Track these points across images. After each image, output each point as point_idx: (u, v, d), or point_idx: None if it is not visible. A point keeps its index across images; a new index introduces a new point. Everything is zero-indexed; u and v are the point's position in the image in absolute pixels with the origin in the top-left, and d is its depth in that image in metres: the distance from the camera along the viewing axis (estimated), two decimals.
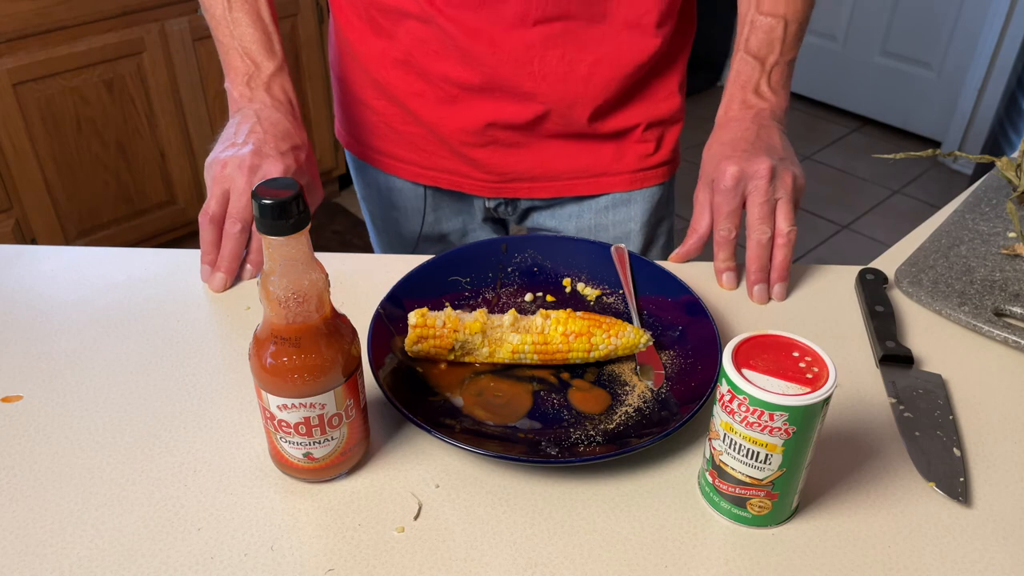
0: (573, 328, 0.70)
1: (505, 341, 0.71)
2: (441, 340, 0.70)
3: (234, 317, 0.80)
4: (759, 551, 0.59)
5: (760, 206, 0.81)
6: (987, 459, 0.66)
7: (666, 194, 1.04)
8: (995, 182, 0.99)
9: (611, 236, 1.03)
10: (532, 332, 0.71)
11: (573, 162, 0.98)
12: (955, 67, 3.09)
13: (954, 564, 0.58)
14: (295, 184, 0.52)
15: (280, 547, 0.58)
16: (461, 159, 0.98)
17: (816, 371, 0.55)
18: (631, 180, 0.99)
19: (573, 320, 0.71)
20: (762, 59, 0.87)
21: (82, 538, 0.59)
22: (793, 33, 0.87)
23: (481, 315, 0.71)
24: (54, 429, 0.67)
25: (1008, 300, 0.81)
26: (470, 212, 1.06)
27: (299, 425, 0.59)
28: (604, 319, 0.72)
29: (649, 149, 0.98)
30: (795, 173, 0.83)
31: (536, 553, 0.58)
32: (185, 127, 2.30)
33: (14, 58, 1.93)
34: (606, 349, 0.71)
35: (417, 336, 0.70)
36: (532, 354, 0.71)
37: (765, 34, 0.87)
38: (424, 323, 0.70)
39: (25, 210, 2.09)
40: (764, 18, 0.87)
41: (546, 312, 0.72)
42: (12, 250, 0.90)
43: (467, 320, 0.71)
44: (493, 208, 1.04)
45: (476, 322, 0.70)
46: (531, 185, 1.00)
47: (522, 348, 0.71)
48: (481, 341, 0.71)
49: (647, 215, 1.02)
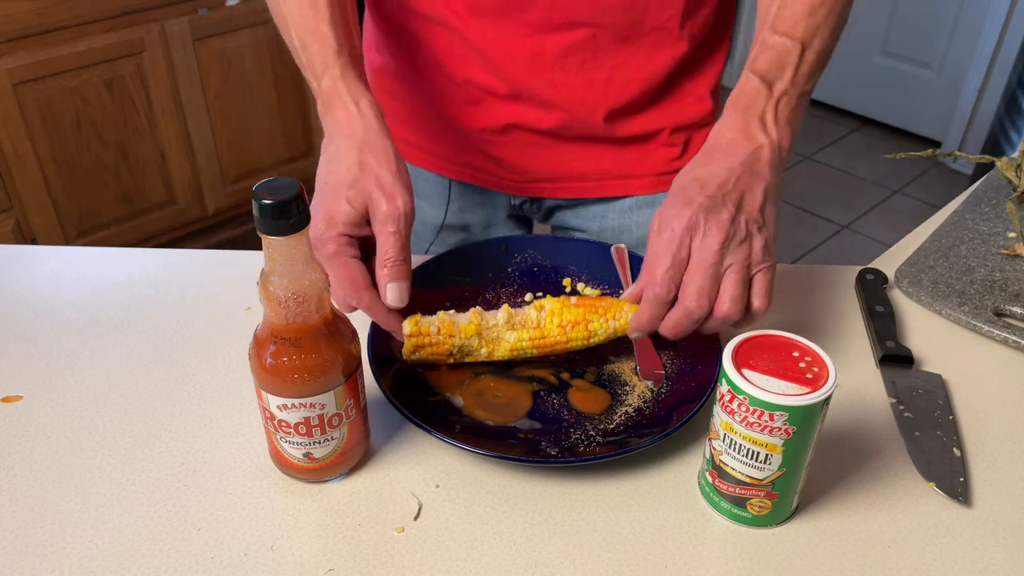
0: (569, 318, 0.69)
1: (502, 339, 0.70)
2: (438, 347, 0.69)
3: (234, 317, 0.80)
4: (759, 551, 0.59)
5: (703, 273, 0.65)
6: (987, 459, 0.66)
7: None
8: (995, 182, 0.99)
9: (635, 237, 1.02)
10: (528, 327, 0.70)
11: (596, 164, 0.97)
12: (955, 67, 3.09)
13: (954, 564, 0.58)
14: (295, 184, 0.52)
15: (280, 547, 0.58)
16: (485, 156, 0.98)
17: (816, 371, 0.55)
18: (655, 183, 0.99)
19: (568, 310, 0.70)
20: (769, 83, 0.72)
21: (82, 538, 0.59)
22: (810, 63, 0.73)
23: (475, 316, 0.70)
24: (54, 429, 0.67)
25: (1008, 300, 0.81)
26: (494, 206, 1.06)
27: (299, 425, 0.59)
28: (599, 303, 0.70)
29: (675, 153, 0.97)
30: (760, 244, 0.67)
31: (536, 553, 0.58)
32: (185, 127, 2.30)
33: (14, 58, 1.93)
34: (605, 334, 0.70)
35: (413, 346, 0.69)
36: (531, 349, 0.70)
37: (776, 56, 0.73)
38: (419, 331, 0.68)
39: (25, 210, 2.09)
40: (778, 38, 0.73)
41: (540, 303, 0.71)
42: (12, 250, 0.90)
43: (461, 323, 0.69)
44: (518, 205, 1.05)
45: (471, 324, 0.69)
46: (554, 185, 0.99)
47: (520, 345, 0.70)
48: (478, 343, 0.70)
49: None
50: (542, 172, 0.98)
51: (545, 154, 0.96)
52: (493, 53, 0.87)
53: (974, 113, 3.07)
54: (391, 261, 0.67)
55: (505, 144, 0.95)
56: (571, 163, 0.97)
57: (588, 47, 0.86)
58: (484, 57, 0.88)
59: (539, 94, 0.89)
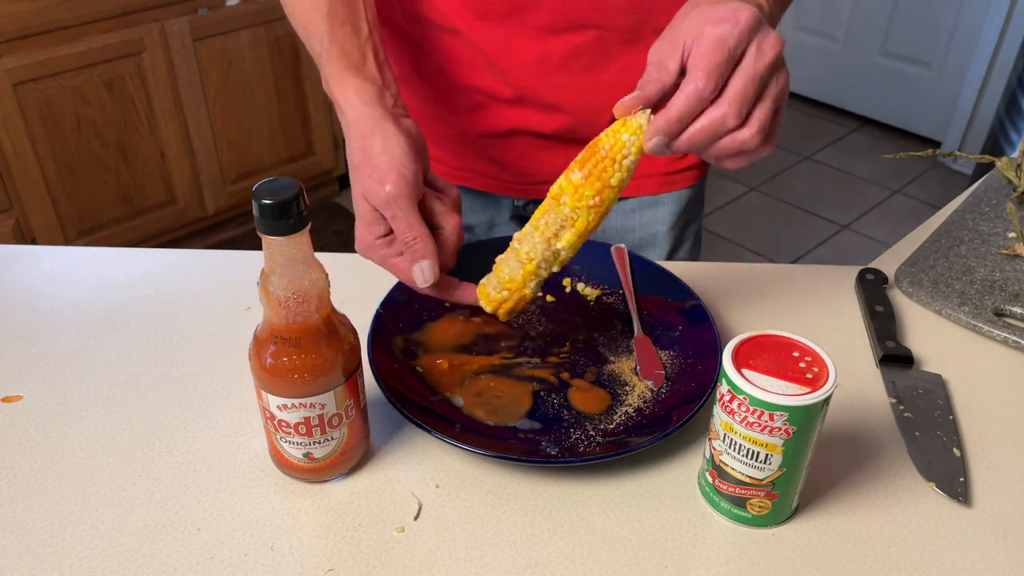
0: (589, 193, 0.62)
1: (552, 244, 0.63)
2: (521, 300, 0.65)
3: (234, 317, 0.80)
4: (759, 551, 0.59)
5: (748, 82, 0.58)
6: (987, 459, 0.66)
7: (695, 196, 1.03)
8: (995, 182, 0.99)
9: (638, 237, 1.02)
10: (567, 228, 0.63)
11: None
12: (955, 67, 3.09)
13: (954, 564, 0.58)
14: (295, 184, 0.52)
15: (280, 547, 0.58)
16: (489, 160, 0.98)
17: (816, 371, 0.55)
18: (659, 183, 0.99)
19: (582, 188, 0.62)
20: None
21: (82, 538, 0.59)
22: None
23: (518, 254, 0.64)
24: (54, 429, 0.67)
25: (1008, 300, 0.81)
26: (498, 208, 1.06)
27: (299, 425, 0.59)
28: (596, 156, 0.62)
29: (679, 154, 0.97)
30: (786, 82, 0.61)
31: (536, 553, 0.58)
32: (185, 127, 2.30)
33: (14, 58, 1.93)
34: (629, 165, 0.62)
35: (505, 311, 0.65)
36: (591, 222, 0.63)
37: None
38: (498, 301, 0.65)
39: (25, 210, 2.09)
40: None
41: (553, 194, 0.64)
42: (12, 250, 0.90)
43: (518, 274, 0.64)
44: (522, 207, 1.05)
45: (529, 263, 0.63)
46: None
47: (575, 240, 0.63)
48: (547, 268, 0.64)
49: (675, 217, 1.02)
50: (545, 174, 0.98)
51: (548, 156, 0.96)
52: (499, 57, 0.87)
53: (974, 113, 3.07)
54: (404, 245, 0.66)
55: (508, 148, 0.95)
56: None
57: (594, 49, 0.86)
58: (490, 61, 0.88)
59: (544, 97, 0.89)
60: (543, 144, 0.94)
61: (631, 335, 0.77)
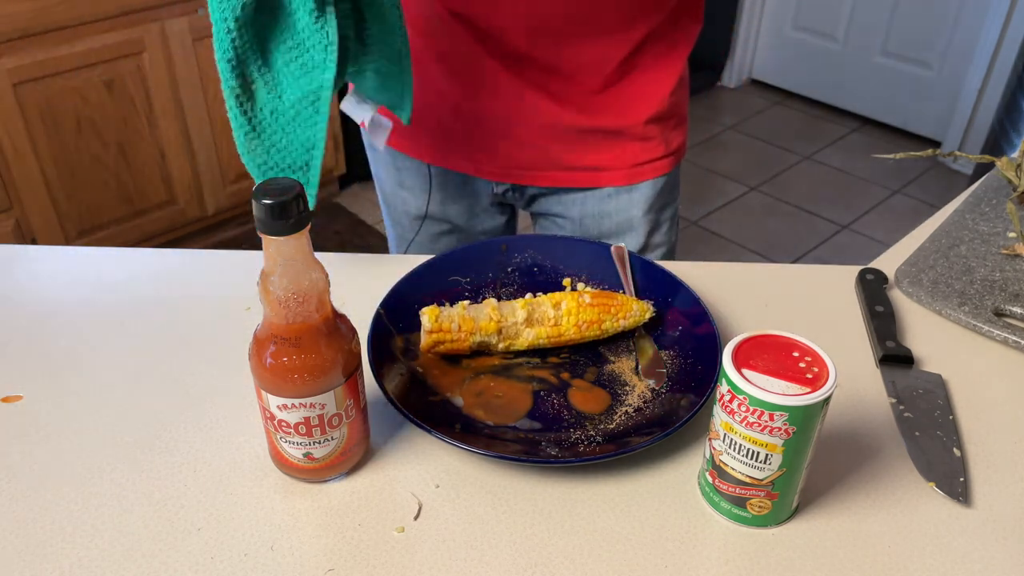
0: (585, 318, 0.73)
1: (521, 335, 0.74)
2: (458, 343, 0.72)
3: (234, 317, 0.80)
4: (759, 551, 0.59)
5: None
6: (987, 459, 0.66)
7: (671, 181, 1.05)
8: (995, 182, 0.99)
9: (614, 223, 1.03)
10: (545, 324, 0.73)
11: (574, 155, 0.99)
12: (955, 67, 3.09)
13: (954, 564, 0.58)
14: (295, 184, 0.52)
15: (280, 547, 0.58)
16: (466, 144, 0.99)
17: (816, 371, 0.55)
18: (627, 176, 1.01)
19: (584, 310, 0.73)
20: None
21: (82, 538, 0.59)
22: None
23: (494, 312, 0.72)
24: (54, 429, 0.67)
25: (1008, 300, 0.81)
26: (476, 195, 1.07)
27: (299, 425, 0.59)
28: (611, 302, 0.75)
29: (650, 143, 1.00)
30: None
31: (536, 553, 0.58)
32: (185, 127, 2.30)
33: (14, 58, 1.93)
34: (615, 330, 0.75)
35: (433, 341, 0.72)
36: (547, 343, 0.74)
37: None
38: (439, 327, 0.71)
39: (25, 210, 2.09)
40: None
41: (556, 299, 0.74)
42: (12, 250, 0.90)
43: (481, 321, 0.72)
44: (501, 193, 1.06)
45: (491, 323, 0.72)
46: (535, 174, 1.01)
47: (537, 341, 0.74)
48: (497, 339, 0.73)
49: (650, 202, 1.03)
50: (521, 161, 1.00)
51: (524, 142, 0.97)
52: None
53: (974, 113, 3.07)
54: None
55: (484, 133, 0.97)
56: (550, 153, 0.99)
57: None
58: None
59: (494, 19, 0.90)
60: (519, 131, 0.95)
61: (631, 335, 0.77)
